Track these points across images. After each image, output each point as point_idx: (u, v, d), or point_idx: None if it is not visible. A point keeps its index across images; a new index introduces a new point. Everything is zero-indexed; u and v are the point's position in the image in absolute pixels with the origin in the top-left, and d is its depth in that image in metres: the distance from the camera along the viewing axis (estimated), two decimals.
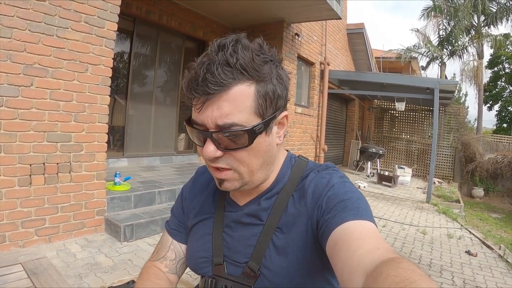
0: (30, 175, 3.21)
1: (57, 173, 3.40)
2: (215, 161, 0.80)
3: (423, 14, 18.72)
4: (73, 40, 3.39)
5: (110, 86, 3.79)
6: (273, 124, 0.82)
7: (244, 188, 0.86)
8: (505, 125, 21.39)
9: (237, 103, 0.73)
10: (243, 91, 0.74)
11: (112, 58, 3.76)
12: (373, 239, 0.65)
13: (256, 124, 0.76)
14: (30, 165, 3.20)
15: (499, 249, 4.96)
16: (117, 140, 6.09)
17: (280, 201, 0.88)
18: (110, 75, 3.76)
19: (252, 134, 0.76)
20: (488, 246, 5.06)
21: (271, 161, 0.86)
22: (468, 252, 4.69)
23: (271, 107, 0.79)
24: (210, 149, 0.77)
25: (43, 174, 3.30)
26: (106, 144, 3.81)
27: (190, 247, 1.03)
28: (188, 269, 1.07)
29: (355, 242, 0.65)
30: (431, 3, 18.32)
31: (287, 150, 1.00)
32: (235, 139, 0.76)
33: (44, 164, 3.30)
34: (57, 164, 3.39)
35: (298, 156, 0.98)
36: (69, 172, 3.49)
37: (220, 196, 1.00)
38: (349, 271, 0.60)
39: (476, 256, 4.59)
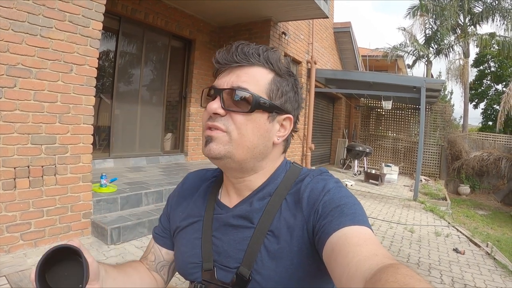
0: (15, 179, 3.13)
1: (42, 176, 3.32)
2: (215, 117, 0.83)
3: (409, 13, 18.85)
4: (57, 39, 3.31)
5: (95, 86, 3.71)
6: (276, 116, 0.87)
7: (226, 162, 0.85)
8: (490, 123, 21.67)
9: (254, 78, 0.84)
10: (262, 72, 0.85)
11: (98, 58, 3.68)
12: (370, 245, 0.65)
13: (263, 98, 0.83)
14: (15, 168, 3.12)
15: (487, 246, 5.02)
16: (102, 140, 5.99)
17: (273, 203, 0.87)
18: (95, 76, 3.68)
19: (256, 102, 0.82)
20: (476, 244, 5.12)
21: (262, 151, 0.87)
22: (456, 250, 4.74)
23: (280, 99, 0.87)
24: (215, 104, 0.82)
25: (28, 177, 3.22)
26: (91, 146, 3.74)
27: (179, 252, 1.01)
28: (177, 273, 1.07)
29: (353, 248, 0.64)
30: (417, 2, 18.44)
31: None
32: (240, 103, 0.81)
33: (28, 167, 3.22)
34: (42, 167, 3.32)
35: (292, 163, 0.99)
36: (54, 175, 3.42)
37: (210, 199, 0.99)
38: (347, 278, 0.60)
39: (464, 254, 4.64)
